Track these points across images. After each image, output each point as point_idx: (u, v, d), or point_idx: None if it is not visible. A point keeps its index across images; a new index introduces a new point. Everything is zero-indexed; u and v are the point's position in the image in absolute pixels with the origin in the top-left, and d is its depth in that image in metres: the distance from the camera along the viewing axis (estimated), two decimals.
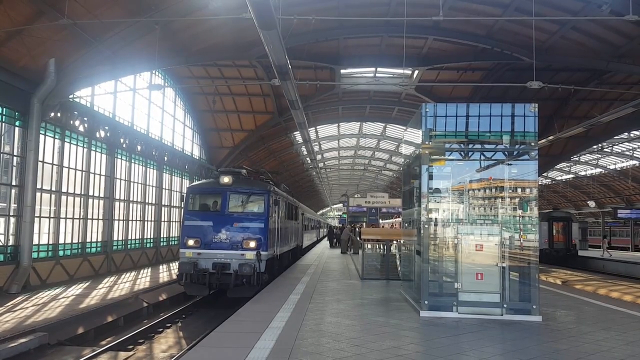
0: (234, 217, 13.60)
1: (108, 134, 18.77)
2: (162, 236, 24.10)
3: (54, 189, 15.72)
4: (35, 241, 14.40)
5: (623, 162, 43.92)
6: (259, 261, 13.08)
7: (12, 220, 13.93)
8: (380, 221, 34.53)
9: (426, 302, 9.09)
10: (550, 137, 23.46)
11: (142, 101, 22.60)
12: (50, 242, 15.59)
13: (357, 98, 28.84)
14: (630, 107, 15.98)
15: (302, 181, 57.30)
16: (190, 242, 13.28)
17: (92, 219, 17.82)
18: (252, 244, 13.26)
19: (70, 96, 15.72)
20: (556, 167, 42.93)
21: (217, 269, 12.95)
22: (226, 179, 13.80)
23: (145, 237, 22.27)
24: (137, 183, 21.68)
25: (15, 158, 14.13)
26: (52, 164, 15.62)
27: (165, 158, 24.67)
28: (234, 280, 12.86)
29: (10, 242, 13.84)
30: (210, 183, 14.82)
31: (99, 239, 18.36)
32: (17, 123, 14.08)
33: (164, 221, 24.57)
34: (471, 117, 9.99)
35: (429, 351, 6.80)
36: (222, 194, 13.78)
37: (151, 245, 22.90)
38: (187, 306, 13.94)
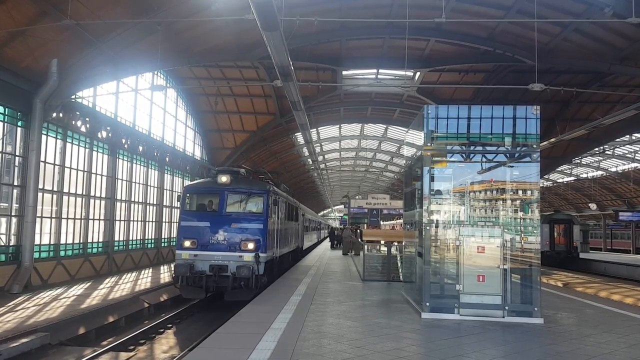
0: (232, 218, 13.25)
1: (110, 135, 18.79)
2: (163, 237, 24.11)
3: (55, 189, 15.73)
4: (37, 241, 14.42)
5: (625, 164, 43.85)
6: (258, 263, 12.77)
7: (14, 220, 13.94)
8: (382, 222, 34.52)
9: (427, 303, 9.09)
10: (552, 139, 23.46)
11: (144, 102, 22.62)
12: (52, 243, 15.60)
13: (358, 99, 28.86)
14: (633, 109, 15.99)
15: (303, 182, 57.30)
16: (187, 244, 12.93)
17: (93, 219, 17.83)
18: (251, 246, 12.92)
19: (73, 97, 15.74)
20: (558, 169, 42.88)
21: (214, 271, 12.58)
22: (224, 178, 13.44)
23: (146, 237, 22.28)
24: (139, 184, 21.70)
25: (17, 158, 14.16)
26: (54, 164, 15.64)
27: (167, 159, 24.68)
28: (232, 282, 12.52)
29: (12, 242, 13.85)
30: (207, 182, 14.36)
31: (101, 240, 18.38)
32: (19, 123, 14.10)
33: (165, 222, 24.58)
34: (473, 119, 10.01)
35: (430, 353, 6.80)
36: (219, 193, 13.42)
37: (152, 246, 22.91)
38: (189, 307, 13.92)
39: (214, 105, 28.27)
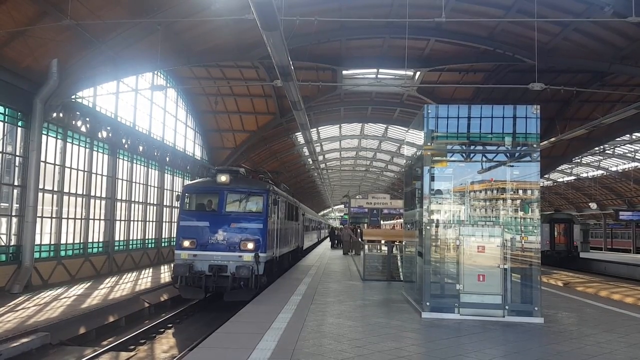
0: (231, 218, 13.14)
1: (110, 135, 18.80)
2: (163, 237, 24.12)
3: (56, 189, 15.74)
4: (37, 241, 14.43)
5: (625, 164, 43.87)
6: (257, 263, 12.67)
7: (15, 220, 13.95)
8: (382, 222, 34.53)
9: (428, 303, 9.08)
10: (552, 139, 23.45)
11: (144, 102, 22.63)
12: (52, 242, 15.61)
13: (359, 99, 28.87)
14: (633, 108, 15.97)
15: (303, 182, 57.31)
16: (186, 243, 12.83)
17: (94, 219, 17.83)
18: (250, 246, 12.81)
19: (73, 97, 15.75)
20: (558, 168, 42.89)
21: (214, 272, 12.46)
22: (223, 178, 13.32)
23: (146, 237, 22.29)
24: (139, 183, 21.70)
25: (17, 158, 14.17)
26: (55, 164, 15.65)
27: (167, 159, 24.69)
28: (231, 283, 12.43)
29: (13, 242, 13.86)
30: (206, 182, 14.21)
31: (101, 239, 18.39)
32: (19, 123, 14.10)
33: (166, 222, 24.58)
34: (473, 119, 10.00)
35: (430, 352, 6.80)
36: (219, 193, 13.31)
37: (153, 246, 22.92)
38: (189, 307, 13.92)
39: (214, 105, 28.27)
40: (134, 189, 21.09)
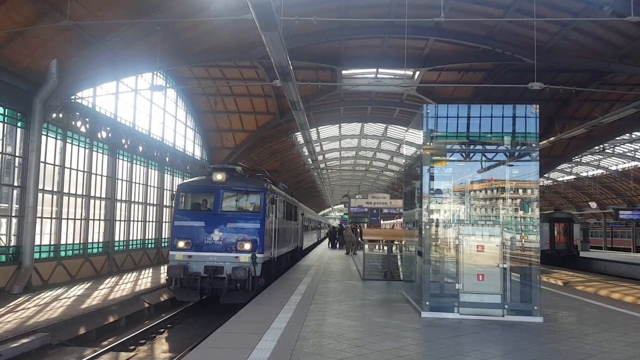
0: (227, 217, 12.84)
1: (110, 135, 18.80)
2: (163, 237, 24.12)
3: (55, 189, 15.74)
4: (37, 242, 14.43)
5: (625, 163, 43.87)
6: (254, 264, 12.37)
7: (14, 220, 13.95)
8: (382, 222, 34.55)
9: (427, 303, 9.09)
10: (552, 138, 23.44)
11: (144, 102, 22.63)
12: (52, 243, 15.61)
13: (358, 99, 28.87)
14: (632, 108, 15.95)
15: (303, 182, 57.30)
16: (181, 244, 12.55)
17: (93, 219, 17.83)
18: (247, 246, 12.46)
19: (72, 97, 15.75)
20: (557, 168, 42.88)
21: (209, 273, 12.17)
22: (219, 176, 13.00)
23: (146, 237, 22.29)
24: (139, 184, 21.70)
25: (17, 159, 14.17)
26: (54, 165, 15.65)
27: (167, 159, 24.69)
28: (228, 284, 12.13)
29: (12, 243, 13.86)
30: (202, 180, 13.93)
31: (101, 240, 18.39)
32: (19, 124, 14.10)
33: (166, 222, 24.58)
34: (472, 118, 10.00)
35: (430, 352, 6.81)
36: (215, 192, 12.97)
37: (152, 246, 22.93)
38: (189, 307, 13.92)
39: (214, 105, 28.28)
40: (134, 189, 21.09)
